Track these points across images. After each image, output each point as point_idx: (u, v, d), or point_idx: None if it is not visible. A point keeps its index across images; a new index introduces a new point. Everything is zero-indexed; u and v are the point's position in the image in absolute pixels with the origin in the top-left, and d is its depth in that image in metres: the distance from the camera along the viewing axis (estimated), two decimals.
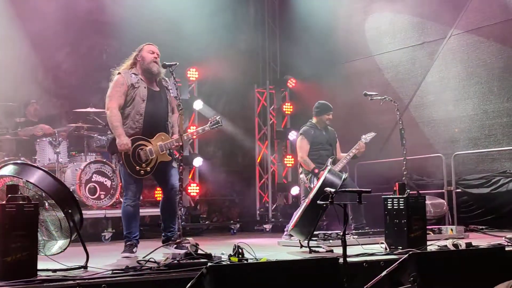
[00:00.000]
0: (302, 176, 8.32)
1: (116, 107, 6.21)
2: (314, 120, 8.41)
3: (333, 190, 4.92)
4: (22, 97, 10.25)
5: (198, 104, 11.19)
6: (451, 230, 7.97)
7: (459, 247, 5.95)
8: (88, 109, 9.92)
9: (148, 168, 6.22)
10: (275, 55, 12.97)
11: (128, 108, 6.26)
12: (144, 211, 9.46)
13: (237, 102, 12.56)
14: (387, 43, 11.20)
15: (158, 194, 10.15)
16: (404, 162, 7.01)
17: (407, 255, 4.88)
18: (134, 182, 6.27)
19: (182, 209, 5.95)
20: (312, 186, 7.92)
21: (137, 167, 6.19)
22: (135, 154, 6.18)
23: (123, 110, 6.27)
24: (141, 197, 6.41)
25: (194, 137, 6.53)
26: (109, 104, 6.24)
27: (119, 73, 6.38)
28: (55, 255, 5.04)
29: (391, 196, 6.28)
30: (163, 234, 6.41)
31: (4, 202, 4.36)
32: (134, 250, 6.15)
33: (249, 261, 5.04)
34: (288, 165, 12.43)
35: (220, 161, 12.62)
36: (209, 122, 6.67)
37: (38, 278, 4.28)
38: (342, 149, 8.51)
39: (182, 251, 5.14)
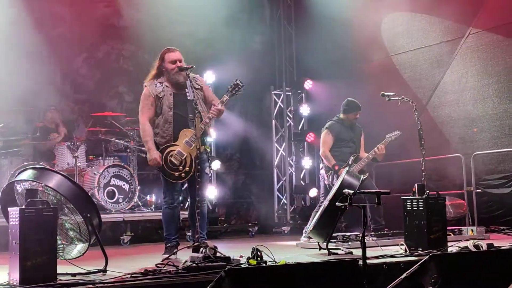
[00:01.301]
0: (322, 172, 8.28)
1: (146, 121, 6.29)
2: (341, 116, 8.35)
3: (351, 191, 4.88)
4: (41, 102, 10.33)
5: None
6: (472, 231, 7.88)
7: (480, 248, 5.88)
8: (106, 113, 9.97)
9: (187, 168, 6.18)
10: (291, 57, 12.93)
11: (158, 118, 6.32)
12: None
13: (254, 104, 12.56)
14: (405, 43, 11.13)
15: None
16: (423, 163, 6.94)
17: (428, 256, 4.82)
18: (172, 186, 6.30)
19: (200, 212, 5.92)
20: (332, 182, 7.87)
21: (176, 173, 6.19)
22: (168, 162, 6.19)
23: (154, 120, 6.32)
24: (179, 200, 6.40)
25: (215, 113, 6.27)
26: (140, 118, 6.34)
27: (145, 85, 6.42)
28: (74, 259, 5.06)
29: (410, 197, 6.23)
30: (192, 239, 6.38)
31: (23, 207, 4.38)
32: (174, 251, 6.10)
33: (268, 264, 5.02)
34: (305, 167, 12.39)
35: (238, 163, 12.62)
36: (227, 89, 6.39)
37: (58, 282, 4.29)
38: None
39: (201, 255, 5.13)
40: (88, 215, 4.88)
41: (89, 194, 6.50)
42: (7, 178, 8.76)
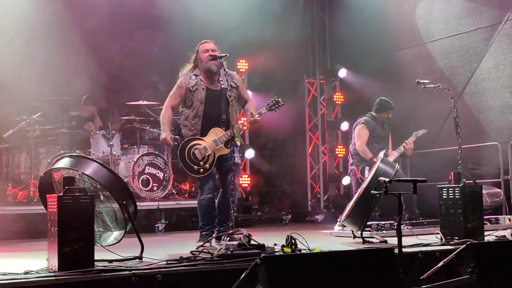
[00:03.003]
0: (353, 167, 8.27)
1: (168, 107, 6.43)
2: (373, 113, 8.38)
3: (387, 179, 4.84)
4: (76, 91, 10.45)
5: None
6: (509, 220, 7.77)
7: None
8: (140, 102, 10.05)
9: (207, 165, 6.22)
10: (325, 45, 12.84)
11: (188, 110, 6.38)
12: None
13: (287, 92, 12.44)
14: (440, 30, 10.96)
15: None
16: (459, 151, 6.87)
17: (465, 245, 4.77)
18: (208, 178, 6.32)
19: (234, 200, 5.96)
20: (363, 177, 7.86)
21: (195, 167, 6.22)
22: (191, 154, 6.22)
23: (185, 110, 6.41)
24: (215, 192, 6.45)
25: (253, 119, 6.35)
26: (166, 102, 6.49)
27: (180, 76, 6.51)
28: (110, 245, 5.12)
29: (446, 185, 6.16)
30: (216, 229, 6.42)
31: (61, 194, 4.44)
32: (208, 240, 6.12)
33: (303, 251, 5.03)
34: (339, 155, 12.34)
35: (271, 152, 12.60)
36: (268, 103, 6.48)
37: (95, 268, 4.35)
38: (394, 142, 8.52)
39: (235, 242, 5.15)
40: (124, 202, 4.93)
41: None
42: (44, 166, 8.91)
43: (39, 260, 4.80)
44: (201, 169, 6.23)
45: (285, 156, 12.75)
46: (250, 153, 11.18)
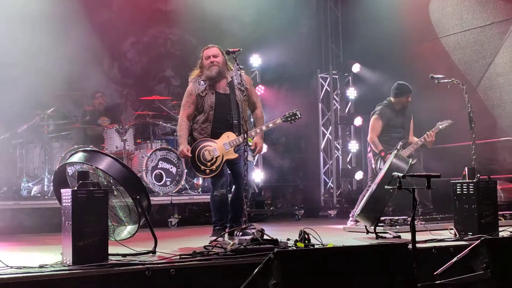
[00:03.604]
0: (370, 155, 8.20)
1: (183, 117, 6.39)
2: (392, 99, 8.21)
3: (401, 174, 4.82)
4: (89, 86, 10.50)
5: (261, 90, 11.18)
6: None
7: None
8: (153, 97, 10.07)
9: (214, 167, 6.22)
10: (338, 40, 12.80)
11: (199, 115, 6.37)
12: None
13: (300, 87, 12.50)
14: (454, 24, 10.89)
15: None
16: (473, 146, 6.82)
17: (479, 241, 4.74)
18: (220, 175, 6.33)
19: (247, 195, 5.95)
20: (378, 167, 7.81)
21: (202, 167, 6.25)
22: (200, 155, 6.25)
23: (196, 115, 6.39)
24: (227, 187, 6.46)
25: (264, 129, 6.42)
26: (180, 113, 6.47)
27: (190, 81, 6.50)
28: (124, 240, 5.13)
29: (460, 181, 6.13)
30: (229, 225, 6.43)
31: (75, 188, 4.46)
32: (221, 234, 6.11)
33: (316, 246, 5.02)
34: (352, 150, 12.31)
35: (284, 147, 12.60)
36: (284, 114, 6.51)
37: (109, 262, 4.37)
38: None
39: (248, 237, 5.15)
40: (138, 197, 4.94)
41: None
42: (58, 160, 8.95)
43: (54, 254, 4.83)
44: (208, 170, 6.26)
45: (298, 151, 12.75)
46: (263, 148, 11.17)
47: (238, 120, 6.30)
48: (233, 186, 6.51)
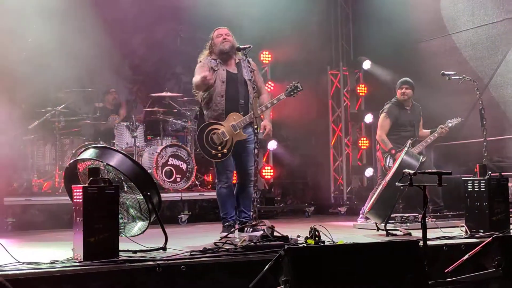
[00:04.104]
0: (378, 154, 8.18)
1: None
2: (398, 97, 8.19)
3: (412, 171, 4.80)
4: (99, 83, 10.53)
5: (270, 87, 11.19)
6: None
7: None
8: (164, 94, 10.09)
9: (225, 150, 6.23)
10: (348, 36, 12.75)
11: (210, 90, 6.35)
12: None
13: (310, 84, 12.41)
14: (465, 20, 10.82)
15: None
16: (485, 143, 6.80)
17: (491, 238, 4.73)
18: (225, 165, 6.34)
19: (257, 191, 5.96)
20: (387, 166, 7.79)
21: (213, 151, 6.23)
22: (209, 138, 6.23)
23: (207, 92, 6.38)
24: (233, 179, 6.46)
25: (270, 106, 6.40)
26: (195, 76, 6.38)
27: (199, 61, 6.54)
28: (135, 236, 5.15)
29: (471, 178, 6.11)
30: (238, 221, 6.43)
31: (86, 185, 4.48)
32: (231, 230, 6.13)
33: (326, 243, 5.02)
34: (362, 147, 12.28)
35: (294, 144, 12.58)
36: (286, 89, 6.48)
37: (120, 258, 4.38)
38: None
39: (259, 233, 5.15)
40: (148, 193, 4.95)
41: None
42: (68, 157, 9.00)
43: (64, 250, 4.85)
44: (219, 154, 6.25)
45: (308, 148, 12.72)
46: (272, 145, 11.18)
47: (244, 100, 6.33)
48: (237, 182, 6.51)
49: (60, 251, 4.91)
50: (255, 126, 5.96)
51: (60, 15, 9.43)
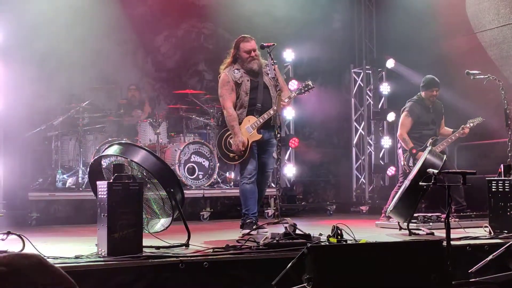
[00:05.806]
0: (399, 151, 8.13)
1: (231, 106, 6.41)
2: (422, 94, 8.13)
3: (435, 171, 4.77)
4: (123, 80, 10.61)
5: (294, 85, 11.16)
6: None
7: None
8: (186, 91, 10.12)
9: (242, 152, 6.36)
10: (372, 34, 12.69)
11: (235, 101, 6.46)
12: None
13: (333, 82, 12.45)
14: (490, 19, 10.71)
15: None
16: (509, 143, 6.73)
17: None
18: (250, 162, 6.42)
19: (279, 189, 5.97)
20: (408, 164, 7.74)
21: (231, 154, 6.43)
22: (227, 143, 6.42)
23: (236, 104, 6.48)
24: (256, 176, 6.50)
25: (284, 103, 6.47)
26: (225, 104, 6.44)
27: (223, 72, 6.54)
28: (158, 232, 5.18)
29: (495, 178, 6.05)
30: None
31: (111, 181, 4.51)
32: (254, 228, 6.15)
33: (348, 242, 5.00)
34: (385, 146, 12.21)
35: (316, 142, 12.57)
36: (299, 88, 6.69)
37: (143, 254, 4.41)
38: None
39: (281, 231, 5.16)
40: (172, 190, 4.98)
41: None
42: (92, 153, 9.08)
43: (88, 245, 4.91)
44: (236, 156, 6.41)
45: (330, 146, 12.70)
46: (294, 143, 11.18)
47: (261, 104, 6.41)
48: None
49: (84, 246, 4.96)
50: (277, 131, 6.00)
51: (85, 12, 9.53)
